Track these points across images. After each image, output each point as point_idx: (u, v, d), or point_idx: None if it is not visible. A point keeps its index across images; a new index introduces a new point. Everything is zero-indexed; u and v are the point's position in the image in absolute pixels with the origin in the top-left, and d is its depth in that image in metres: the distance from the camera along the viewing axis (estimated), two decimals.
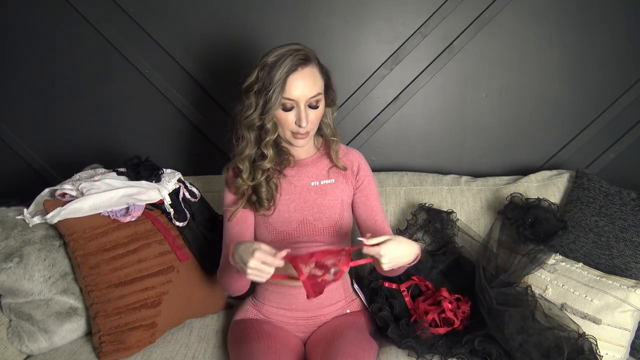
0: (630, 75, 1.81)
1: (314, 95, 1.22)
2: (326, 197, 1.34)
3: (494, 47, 1.82)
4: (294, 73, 1.19)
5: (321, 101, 1.25)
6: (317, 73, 1.24)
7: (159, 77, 1.87)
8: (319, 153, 1.40)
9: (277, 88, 1.18)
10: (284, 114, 1.23)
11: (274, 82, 1.18)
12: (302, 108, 1.22)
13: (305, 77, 1.20)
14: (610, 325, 1.29)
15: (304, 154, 1.38)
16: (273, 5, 1.80)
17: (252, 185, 1.30)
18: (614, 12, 1.77)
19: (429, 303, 1.45)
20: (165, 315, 1.41)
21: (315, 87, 1.22)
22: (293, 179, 1.35)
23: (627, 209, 1.47)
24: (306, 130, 1.24)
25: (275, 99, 1.19)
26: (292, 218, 1.32)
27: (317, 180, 1.35)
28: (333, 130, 1.35)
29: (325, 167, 1.38)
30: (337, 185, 1.36)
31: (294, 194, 1.34)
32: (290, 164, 1.35)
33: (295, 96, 1.20)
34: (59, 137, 1.95)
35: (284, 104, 1.21)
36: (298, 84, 1.19)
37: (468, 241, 1.62)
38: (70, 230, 1.37)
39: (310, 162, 1.38)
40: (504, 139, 1.90)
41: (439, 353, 1.29)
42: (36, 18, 1.84)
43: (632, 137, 1.85)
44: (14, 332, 1.38)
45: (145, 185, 1.48)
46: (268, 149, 1.27)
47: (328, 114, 1.33)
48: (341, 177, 1.37)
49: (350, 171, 1.38)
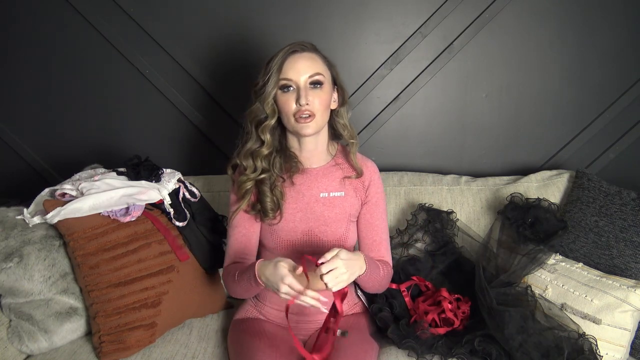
0: (630, 75, 1.81)
1: (312, 73, 1.21)
2: (333, 210, 1.32)
3: (494, 47, 1.82)
4: (292, 55, 1.21)
5: (325, 83, 1.24)
6: (316, 57, 1.24)
7: (159, 77, 1.87)
8: (332, 162, 1.36)
9: (274, 71, 1.20)
10: (284, 96, 1.22)
11: (271, 66, 1.20)
12: (302, 87, 1.21)
13: (303, 58, 1.21)
14: (610, 325, 1.29)
15: (316, 162, 1.34)
16: (273, 5, 1.80)
17: (254, 178, 1.27)
18: (614, 12, 1.77)
19: (429, 303, 1.45)
20: (165, 315, 1.41)
21: (313, 67, 1.22)
22: (302, 187, 1.32)
23: (627, 209, 1.47)
24: (309, 109, 1.21)
25: (271, 80, 1.20)
26: (298, 228, 1.30)
27: (326, 191, 1.32)
28: (350, 131, 1.32)
29: (337, 178, 1.34)
30: (346, 198, 1.33)
31: (301, 203, 1.31)
32: (298, 171, 1.32)
33: (291, 75, 1.20)
34: (59, 137, 1.95)
35: (282, 84, 1.21)
36: (294, 64, 1.20)
37: (468, 241, 1.62)
38: (70, 230, 1.37)
39: (321, 172, 1.34)
40: (504, 139, 1.90)
41: (439, 353, 1.29)
42: (36, 18, 1.84)
43: (632, 137, 1.85)
44: (14, 332, 1.38)
45: (145, 185, 1.48)
46: (265, 134, 1.26)
47: (343, 114, 1.31)
48: (352, 190, 1.34)
49: (361, 184, 1.35)
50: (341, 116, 1.31)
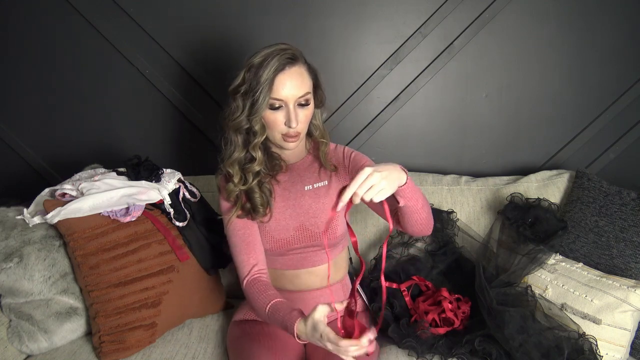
0: (630, 75, 1.81)
1: (302, 94, 1.19)
2: (320, 201, 1.32)
3: (494, 47, 1.82)
4: (281, 73, 1.17)
5: (310, 100, 1.23)
6: (304, 72, 1.21)
7: (159, 77, 1.87)
8: (310, 156, 1.37)
9: (264, 88, 1.16)
10: (273, 115, 1.20)
11: (260, 82, 1.16)
12: (292, 108, 1.19)
13: (293, 76, 1.18)
14: (610, 325, 1.29)
15: (294, 158, 1.35)
16: (273, 5, 1.80)
17: (245, 189, 1.26)
18: (614, 12, 1.76)
19: (429, 303, 1.45)
20: (165, 315, 1.41)
21: (303, 87, 1.19)
22: (287, 184, 1.32)
23: (627, 209, 1.47)
24: (296, 131, 1.21)
25: (262, 100, 1.16)
26: (289, 225, 1.30)
27: (310, 184, 1.33)
28: (322, 131, 1.32)
29: (317, 169, 1.35)
30: (330, 186, 1.34)
31: (289, 200, 1.31)
32: (282, 170, 1.32)
33: (283, 96, 1.17)
34: (59, 137, 1.95)
35: (272, 104, 1.18)
36: (286, 83, 1.17)
37: (468, 241, 1.62)
38: (70, 230, 1.37)
39: (302, 166, 1.35)
40: (504, 139, 1.90)
41: (439, 353, 1.29)
42: (36, 18, 1.84)
43: (632, 137, 1.85)
44: (14, 332, 1.38)
45: (145, 185, 1.48)
46: (256, 152, 1.24)
47: (317, 115, 1.31)
48: (333, 177, 1.35)
49: (342, 167, 1.35)
50: (315, 117, 1.30)
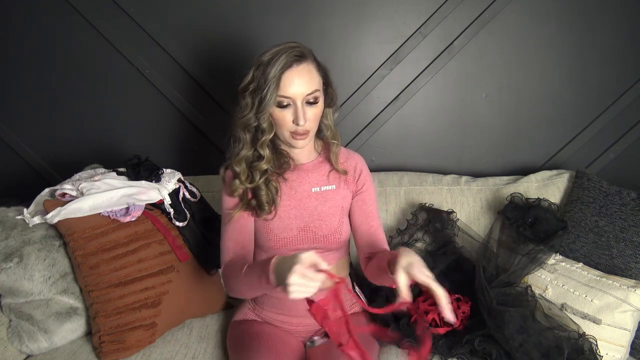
0: (630, 75, 1.81)
1: (310, 92, 1.18)
2: (326, 204, 1.31)
3: (494, 47, 1.82)
4: (289, 70, 1.16)
5: (320, 98, 1.22)
6: (313, 70, 1.20)
7: (159, 77, 1.87)
8: (320, 157, 1.36)
9: (271, 85, 1.16)
10: (281, 113, 1.19)
11: (268, 79, 1.16)
12: (299, 106, 1.18)
13: (301, 73, 1.17)
14: (610, 325, 1.29)
15: (304, 158, 1.34)
16: (273, 5, 1.80)
17: (251, 187, 1.26)
18: (614, 12, 1.77)
19: (429, 303, 1.44)
20: (165, 315, 1.41)
21: (311, 84, 1.19)
22: (294, 183, 1.31)
23: (627, 209, 1.47)
24: (305, 129, 1.20)
25: (270, 97, 1.16)
26: (293, 225, 1.29)
27: (317, 186, 1.32)
28: (333, 132, 1.31)
29: (326, 172, 1.34)
30: (337, 191, 1.33)
31: (294, 200, 1.31)
32: (290, 168, 1.31)
33: (290, 93, 1.17)
34: (59, 137, 1.95)
35: (280, 101, 1.18)
36: (293, 80, 1.16)
37: (468, 241, 1.62)
38: (70, 230, 1.37)
39: (311, 167, 1.34)
40: (504, 139, 1.90)
41: (439, 353, 1.29)
42: (36, 18, 1.84)
43: (632, 137, 1.85)
44: (14, 332, 1.38)
45: (145, 185, 1.48)
46: (264, 149, 1.24)
47: (328, 115, 1.30)
48: (342, 183, 1.34)
49: (351, 176, 1.35)
50: (326, 116, 1.29)
